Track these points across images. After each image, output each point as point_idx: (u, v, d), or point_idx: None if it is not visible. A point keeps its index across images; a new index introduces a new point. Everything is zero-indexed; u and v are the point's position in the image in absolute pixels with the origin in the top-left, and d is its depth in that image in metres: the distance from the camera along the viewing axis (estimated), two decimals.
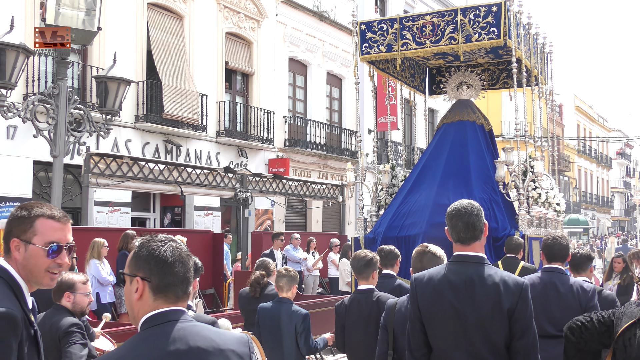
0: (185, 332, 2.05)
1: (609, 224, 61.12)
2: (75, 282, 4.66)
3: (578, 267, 5.30)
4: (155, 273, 2.09)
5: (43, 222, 2.37)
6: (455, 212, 3.43)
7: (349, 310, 5.13)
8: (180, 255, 2.14)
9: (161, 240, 2.15)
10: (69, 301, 4.60)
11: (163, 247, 2.12)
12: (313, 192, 16.25)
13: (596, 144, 58.87)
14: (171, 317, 2.08)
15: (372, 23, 9.20)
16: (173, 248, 2.13)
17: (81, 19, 8.06)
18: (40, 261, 2.35)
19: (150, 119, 16.55)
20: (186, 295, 2.15)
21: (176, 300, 2.11)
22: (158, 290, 2.09)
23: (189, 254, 2.19)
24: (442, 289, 3.33)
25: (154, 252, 2.11)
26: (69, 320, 4.42)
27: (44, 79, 14.01)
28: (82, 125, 8.97)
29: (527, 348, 3.21)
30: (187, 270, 2.15)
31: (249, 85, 20.69)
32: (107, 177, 11.14)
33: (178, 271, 2.11)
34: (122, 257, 9.58)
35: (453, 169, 9.02)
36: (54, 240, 2.37)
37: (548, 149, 11.40)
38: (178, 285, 2.11)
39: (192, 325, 2.09)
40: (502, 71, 10.65)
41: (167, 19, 17.66)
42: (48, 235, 2.36)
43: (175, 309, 2.10)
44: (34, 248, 2.34)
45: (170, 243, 2.15)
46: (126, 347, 2.06)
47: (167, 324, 2.06)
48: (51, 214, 2.39)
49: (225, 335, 2.15)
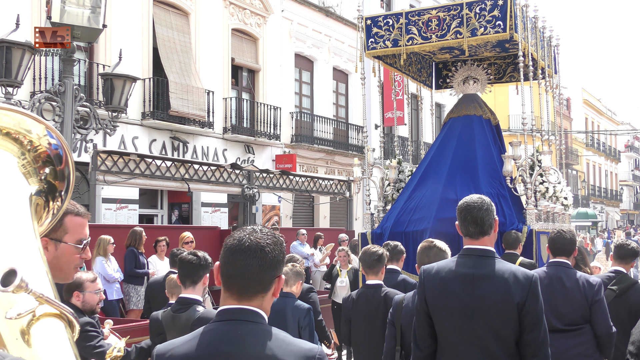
0: (243, 335, 1.97)
1: (618, 217, 60.88)
2: (84, 280, 4.66)
3: (623, 259, 5.39)
4: (222, 261, 2.03)
5: (72, 219, 2.32)
6: (465, 206, 3.44)
7: (356, 304, 5.14)
8: (250, 247, 1.99)
9: (244, 230, 2.04)
10: (78, 300, 4.61)
11: (237, 236, 2.01)
12: (320, 187, 16.24)
13: (604, 137, 58.59)
14: (235, 317, 2.00)
15: (377, 18, 9.16)
16: (245, 238, 2.00)
17: (86, 16, 8.07)
18: (71, 259, 2.31)
19: (157, 115, 16.57)
20: (259, 294, 2.01)
21: (238, 295, 2.00)
22: (222, 279, 2.03)
23: (266, 250, 2.00)
24: (450, 282, 3.33)
25: (229, 239, 2.03)
26: (81, 320, 4.40)
27: (50, 76, 14.04)
28: (89, 123, 8.98)
29: (537, 341, 3.19)
30: (256, 264, 1.99)
31: (255, 82, 20.69)
32: (114, 174, 11.17)
33: (239, 262, 1.99)
34: (130, 253, 9.60)
35: (460, 164, 8.99)
36: (83, 238, 2.34)
37: (556, 142, 11.34)
38: (237, 278, 1.99)
39: (256, 330, 1.99)
40: (509, 65, 10.60)
41: (173, 16, 17.67)
42: (78, 233, 2.32)
43: (243, 308, 2.00)
44: (65, 247, 2.30)
45: (248, 234, 2.02)
46: (187, 337, 2.05)
47: (229, 322, 2.00)
48: (78, 211, 2.36)
49: (292, 346, 2.00)
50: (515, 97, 18.50)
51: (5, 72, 7.64)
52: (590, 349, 4.59)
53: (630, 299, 5.09)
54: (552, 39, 10.32)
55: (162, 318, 4.31)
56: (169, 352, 2.05)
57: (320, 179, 16.47)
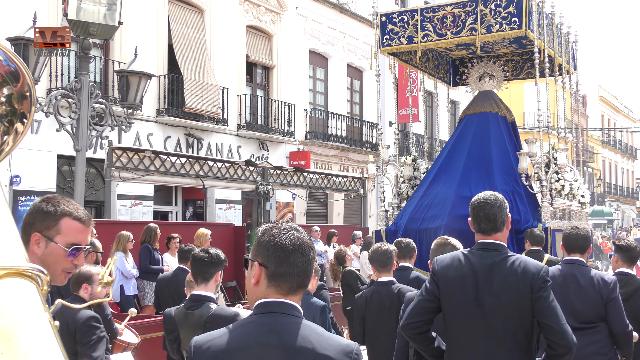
0: (283, 327, 2.03)
1: (634, 215, 60.35)
2: (93, 274, 4.70)
3: (630, 261, 5.19)
4: (272, 260, 2.07)
5: (68, 222, 2.31)
6: (478, 202, 3.47)
7: (370, 302, 5.14)
8: (301, 246, 2.10)
9: (284, 228, 2.13)
10: (86, 292, 4.65)
11: (284, 235, 2.09)
12: (334, 184, 16.23)
13: (621, 135, 58.08)
14: (275, 309, 2.06)
15: (392, 14, 9.13)
16: (294, 237, 2.10)
17: (102, 13, 8.11)
18: (59, 260, 2.30)
19: (172, 112, 16.63)
20: (302, 289, 2.12)
21: (289, 291, 2.08)
22: (272, 278, 2.07)
23: (311, 245, 2.14)
24: (464, 272, 3.36)
25: (274, 239, 2.09)
26: (86, 314, 4.42)
27: (66, 73, 14.13)
28: (104, 120, 9.02)
29: (558, 323, 3.19)
30: (307, 262, 2.11)
31: (269, 78, 20.70)
32: (130, 171, 11.22)
33: (296, 261, 2.08)
34: (145, 250, 9.65)
35: (475, 161, 8.95)
36: (76, 243, 2.31)
37: (572, 140, 11.26)
38: (294, 276, 2.08)
39: (295, 322, 2.05)
40: (526, 61, 10.53)
41: (188, 13, 17.72)
42: (71, 236, 2.30)
43: (282, 302, 2.08)
44: (55, 247, 2.29)
45: (292, 232, 2.11)
46: (227, 330, 2.09)
47: (268, 315, 2.05)
48: (77, 215, 2.34)
49: (330, 340, 2.06)
50: (531, 94, 18.38)
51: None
52: (605, 347, 4.56)
53: (637, 302, 4.94)
54: (570, 35, 10.23)
55: (175, 315, 4.33)
56: (207, 344, 2.08)
57: (334, 176, 16.45)
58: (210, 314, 4.10)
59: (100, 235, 9.24)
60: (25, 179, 13.51)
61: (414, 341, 3.54)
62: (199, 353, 2.07)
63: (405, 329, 3.48)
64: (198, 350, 2.08)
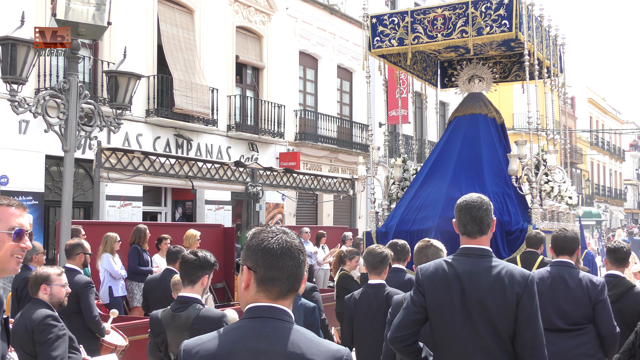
0: (272, 332, 2.02)
1: (622, 216, 60.74)
2: (50, 274, 4.68)
3: (619, 262, 5.20)
4: (261, 265, 2.06)
5: (3, 209, 2.52)
6: (464, 204, 3.44)
7: (359, 304, 5.13)
8: (290, 249, 2.08)
9: (272, 231, 2.11)
10: (45, 294, 4.62)
11: (272, 239, 2.08)
12: (324, 185, 16.23)
13: (609, 136, 58.42)
14: (265, 314, 2.06)
15: (383, 16, 9.14)
16: (283, 241, 2.08)
17: (91, 13, 8.05)
18: (7, 246, 2.48)
19: (161, 113, 16.57)
20: (292, 292, 2.11)
21: (278, 295, 2.07)
22: (262, 282, 2.07)
23: (301, 249, 2.12)
24: (449, 280, 3.33)
25: (262, 242, 2.07)
26: (42, 313, 4.39)
27: (55, 73, 14.05)
28: (93, 120, 8.96)
29: (534, 340, 3.19)
30: (297, 265, 2.09)
31: (259, 79, 20.67)
32: (119, 172, 11.17)
33: (284, 265, 2.06)
34: (134, 251, 9.61)
35: (465, 163, 8.98)
36: (15, 226, 2.51)
37: (560, 141, 11.31)
38: (283, 281, 2.07)
39: (285, 327, 2.05)
40: (514, 64, 10.58)
41: (178, 13, 17.66)
42: (10, 221, 2.51)
43: (272, 306, 2.07)
44: None
45: (281, 235, 2.10)
46: (216, 334, 2.09)
47: (258, 319, 2.05)
48: (9, 203, 2.56)
49: (320, 345, 2.05)
50: (520, 96, 18.46)
51: (10, 69, 7.61)
52: (593, 349, 4.57)
53: (625, 304, 4.93)
54: (557, 37, 10.29)
55: (162, 317, 4.30)
56: (196, 348, 2.07)
57: (324, 177, 16.45)
58: (197, 316, 4.10)
59: (89, 236, 9.19)
60: (13, 180, 13.41)
61: (402, 354, 3.51)
62: (189, 357, 2.07)
63: (393, 342, 3.43)
64: (188, 354, 2.07)
